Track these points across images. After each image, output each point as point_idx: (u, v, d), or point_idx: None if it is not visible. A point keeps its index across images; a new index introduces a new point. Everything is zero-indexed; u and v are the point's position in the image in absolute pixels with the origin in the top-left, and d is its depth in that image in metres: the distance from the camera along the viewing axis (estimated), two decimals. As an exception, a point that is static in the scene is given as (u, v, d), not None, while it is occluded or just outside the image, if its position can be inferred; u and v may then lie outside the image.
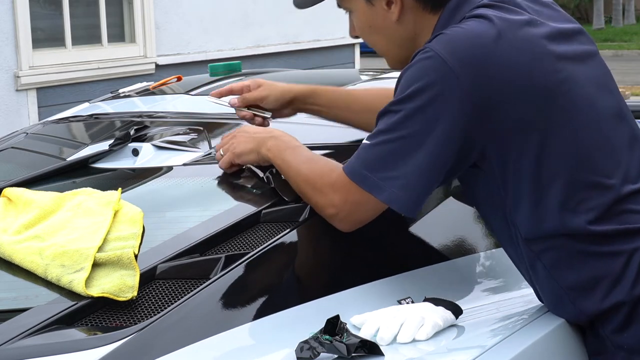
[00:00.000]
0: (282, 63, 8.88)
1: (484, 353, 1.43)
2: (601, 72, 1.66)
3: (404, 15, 1.67)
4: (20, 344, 1.32)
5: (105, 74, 7.53)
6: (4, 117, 6.87)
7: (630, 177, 1.57)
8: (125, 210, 1.66)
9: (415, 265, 1.70)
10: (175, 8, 8.10)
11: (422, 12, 1.67)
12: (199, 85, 2.68)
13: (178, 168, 2.03)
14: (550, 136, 1.53)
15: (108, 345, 1.31)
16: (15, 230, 1.65)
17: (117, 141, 2.16)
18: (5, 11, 6.83)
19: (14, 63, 6.94)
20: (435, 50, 1.52)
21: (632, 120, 1.66)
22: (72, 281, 1.45)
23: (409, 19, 1.68)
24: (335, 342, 1.33)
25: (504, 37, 1.53)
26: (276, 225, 1.67)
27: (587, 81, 1.60)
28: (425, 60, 1.52)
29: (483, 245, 1.88)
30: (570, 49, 1.61)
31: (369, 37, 1.74)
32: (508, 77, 1.51)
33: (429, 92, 1.51)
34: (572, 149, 1.54)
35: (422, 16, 1.67)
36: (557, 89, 1.54)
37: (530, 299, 1.68)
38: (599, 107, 1.59)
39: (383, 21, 1.69)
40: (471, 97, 1.49)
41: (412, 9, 1.67)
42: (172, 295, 1.46)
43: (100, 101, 2.86)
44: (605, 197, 1.54)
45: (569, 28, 1.66)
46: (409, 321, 1.44)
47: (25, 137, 2.51)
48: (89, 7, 7.59)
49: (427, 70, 1.52)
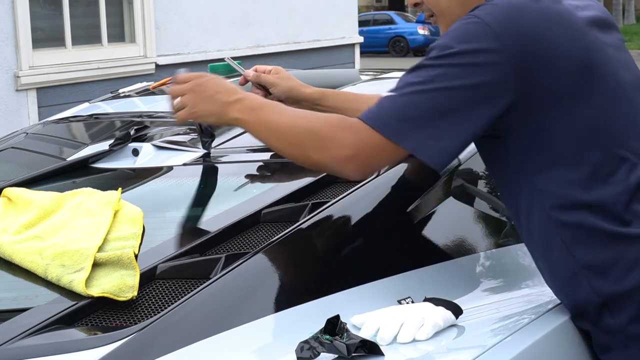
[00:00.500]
0: (282, 63, 8.86)
1: (484, 353, 1.43)
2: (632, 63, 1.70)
3: None
4: (20, 344, 1.32)
5: (105, 74, 7.53)
6: (4, 117, 6.87)
7: None
8: (125, 210, 1.66)
9: (416, 265, 1.70)
10: (175, 8, 8.11)
11: None
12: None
13: (178, 168, 2.03)
14: (582, 107, 1.54)
15: (108, 345, 1.31)
16: (15, 230, 1.65)
17: (117, 141, 2.16)
18: (5, 11, 6.83)
19: (14, 63, 6.94)
20: (479, 16, 1.53)
21: None
22: (72, 281, 1.46)
23: None
24: (336, 342, 1.33)
25: (547, 10, 1.55)
26: (276, 225, 1.67)
27: (620, 66, 1.63)
28: (468, 25, 1.54)
29: (483, 245, 1.88)
30: (607, 37, 1.65)
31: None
32: (548, 48, 1.52)
33: (470, 52, 1.51)
34: (604, 123, 1.56)
35: None
36: (594, 65, 1.56)
37: (530, 299, 1.68)
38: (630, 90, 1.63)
39: None
40: (512, 61, 1.50)
41: None
42: (172, 295, 1.46)
43: (100, 101, 2.86)
44: (634, 175, 1.55)
45: (605, 19, 1.70)
46: (409, 321, 1.44)
47: (25, 137, 2.51)
48: (89, 7, 7.60)
49: (470, 32, 1.52)
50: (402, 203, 1.83)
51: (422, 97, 1.52)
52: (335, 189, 1.82)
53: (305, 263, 1.65)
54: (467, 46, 1.52)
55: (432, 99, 1.52)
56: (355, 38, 10.40)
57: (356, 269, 1.64)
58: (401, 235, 1.78)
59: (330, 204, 1.73)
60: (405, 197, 1.84)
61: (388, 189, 1.83)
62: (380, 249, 1.72)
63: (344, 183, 1.83)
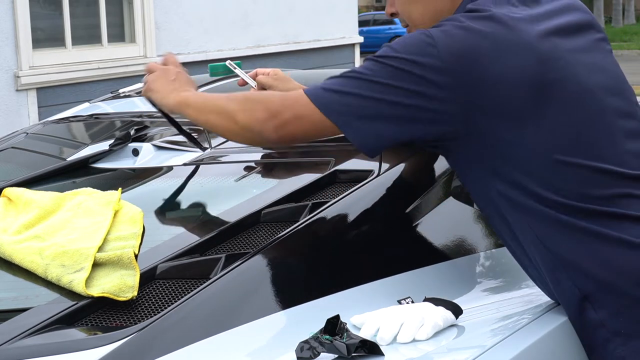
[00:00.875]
0: (282, 63, 8.88)
1: (484, 353, 1.43)
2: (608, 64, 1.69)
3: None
4: (20, 344, 1.32)
5: (105, 74, 7.53)
6: (4, 117, 6.87)
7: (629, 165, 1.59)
8: (125, 210, 1.66)
9: (415, 265, 1.70)
10: (175, 8, 8.11)
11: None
12: (199, 85, 2.68)
13: (178, 168, 2.03)
14: (536, 121, 1.55)
15: (108, 345, 1.31)
16: (15, 230, 1.65)
17: (117, 141, 2.16)
18: (5, 11, 6.84)
19: (14, 63, 6.94)
20: (433, 36, 1.56)
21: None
22: (72, 281, 1.46)
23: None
24: (336, 342, 1.33)
25: (496, 37, 1.56)
26: (276, 225, 1.67)
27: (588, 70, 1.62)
28: (422, 41, 1.57)
29: (483, 245, 1.88)
30: (574, 42, 1.64)
31: (407, 6, 1.77)
32: (493, 74, 1.54)
33: (411, 62, 1.55)
34: (566, 131, 1.57)
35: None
36: (549, 78, 1.56)
37: (531, 299, 1.68)
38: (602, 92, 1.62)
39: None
40: (453, 83, 1.54)
41: None
42: (172, 295, 1.46)
43: (100, 101, 2.86)
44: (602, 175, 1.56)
45: (577, 23, 1.69)
46: (409, 321, 1.44)
47: (25, 137, 2.51)
48: (89, 7, 7.60)
49: (419, 46, 1.56)
50: (402, 203, 1.83)
51: (362, 84, 1.57)
52: (335, 189, 1.82)
53: (305, 263, 1.65)
54: (412, 57, 1.56)
55: (370, 89, 1.57)
56: (355, 38, 10.40)
57: (356, 269, 1.64)
58: (401, 236, 1.78)
59: (330, 204, 1.73)
60: (405, 197, 1.84)
61: (388, 189, 1.83)
62: (380, 249, 1.72)
63: (344, 183, 1.83)
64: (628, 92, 1.69)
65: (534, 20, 1.62)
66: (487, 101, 1.54)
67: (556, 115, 1.56)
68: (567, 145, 1.57)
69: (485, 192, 1.65)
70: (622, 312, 1.54)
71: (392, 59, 1.57)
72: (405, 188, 1.88)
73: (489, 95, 1.54)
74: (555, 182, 1.56)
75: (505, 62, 1.55)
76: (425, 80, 1.54)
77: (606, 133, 1.60)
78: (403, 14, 1.79)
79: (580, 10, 1.73)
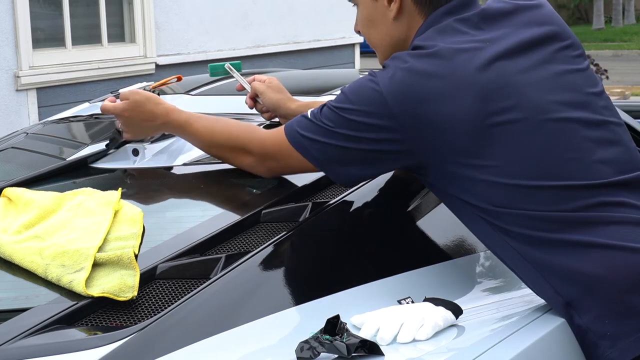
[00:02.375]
0: (282, 63, 8.88)
1: (484, 353, 1.42)
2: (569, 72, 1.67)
3: (401, 15, 1.74)
4: (20, 344, 1.32)
5: (105, 74, 7.53)
6: (4, 117, 6.87)
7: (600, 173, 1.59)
8: (125, 210, 1.66)
9: (415, 265, 1.70)
10: (175, 8, 8.10)
11: (417, 15, 1.73)
12: (199, 85, 2.69)
13: (178, 168, 2.03)
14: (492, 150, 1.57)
15: (108, 345, 1.31)
16: (15, 230, 1.65)
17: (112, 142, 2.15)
18: (5, 11, 6.83)
19: (14, 63, 6.94)
20: (380, 83, 1.61)
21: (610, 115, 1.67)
22: (72, 281, 1.46)
23: (404, 20, 1.74)
24: (336, 342, 1.33)
25: (444, 80, 1.58)
26: (276, 225, 1.67)
27: (543, 88, 1.61)
28: (367, 90, 1.63)
29: (483, 245, 1.88)
30: (529, 59, 1.63)
31: (366, 30, 1.81)
32: (439, 118, 1.57)
33: (362, 113, 1.62)
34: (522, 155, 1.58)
35: (414, 19, 1.73)
36: (497, 121, 1.57)
37: (531, 299, 1.68)
38: (563, 108, 1.61)
39: (382, 17, 1.76)
40: (402, 130, 1.59)
41: (409, 11, 1.73)
42: (173, 295, 1.46)
43: (100, 101, 2.86)
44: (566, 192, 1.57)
45: (528, 39, 1.67)
46: (409, 321, 1.44)
47: (25, 137, 2.51)
48: (89, 7, 7.59)
49: (368, 97, 1.62)
50: (402, 203, 1.83)
51: (329, 134, 1.65)
52: (335, 189, 1.82)
53: (305, 263, 1.65)
54: (362, 107, 1.62)
55: (336, 139, 1.65)
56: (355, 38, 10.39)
57: (356, 269, 1.64)
58: (401, 235, 1.78)
59: (330, 204, 1.73)
60: (405, 197, 1.84)
61: (388, 189, 1.83)
62: (380, 249, 1.72)
63: (344, 183, 1.83)
64: (593, 100, 1.66)
65: (480, 49, 1.61)
66: (437, 141, 1.58)
67: (512, 146, 1.57)
68: (528, 171, 1.57)
69: (461, 214, 1.69)
70: (606, 314, 1.54)
71: (346, 111, 1.64)
72: (405, 188, 1.88)
73: (437, 135, 1.57)
74: (524, 204, 1.57)
75: (449, 102, 1.57)
76: (377, 127, 1.60)
77: (571, 150, 1.59)
78: (364, 35, 1.83)
79: (542, 24, 1.70)
